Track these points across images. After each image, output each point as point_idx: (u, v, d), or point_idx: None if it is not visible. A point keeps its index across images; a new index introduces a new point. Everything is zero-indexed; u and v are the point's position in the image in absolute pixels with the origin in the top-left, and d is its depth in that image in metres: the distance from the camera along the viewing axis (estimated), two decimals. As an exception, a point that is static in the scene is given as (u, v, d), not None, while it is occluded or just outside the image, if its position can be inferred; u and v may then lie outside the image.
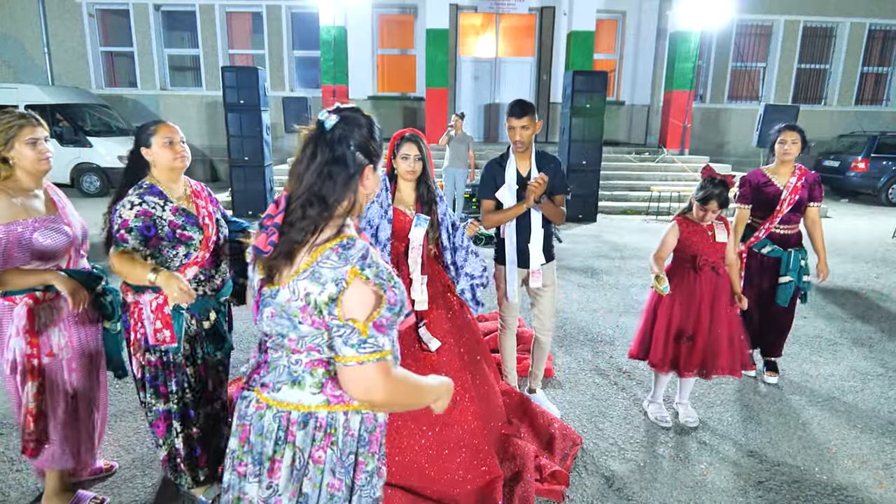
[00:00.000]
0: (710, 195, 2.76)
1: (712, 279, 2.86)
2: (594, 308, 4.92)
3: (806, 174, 3.36)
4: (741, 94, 13.42)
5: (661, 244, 2.90)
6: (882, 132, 11.47)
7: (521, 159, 2.93)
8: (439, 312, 2.59)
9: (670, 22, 12.08)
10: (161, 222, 2.04)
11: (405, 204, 2.64)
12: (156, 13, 12.64)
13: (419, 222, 2.57)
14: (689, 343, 2.88)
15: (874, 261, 6.81)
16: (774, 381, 3.59)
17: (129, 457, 2.68)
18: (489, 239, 7.52)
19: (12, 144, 1.98)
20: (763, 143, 8.03)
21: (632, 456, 2.78)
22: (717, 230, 2.86)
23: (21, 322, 1.97)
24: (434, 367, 2.49)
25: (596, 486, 2.54)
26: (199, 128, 13.02)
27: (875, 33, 13.24)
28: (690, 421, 3.05)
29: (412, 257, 2.56)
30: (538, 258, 2.90)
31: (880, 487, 2.58)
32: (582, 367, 3.77)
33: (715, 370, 2.90)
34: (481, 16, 12.77)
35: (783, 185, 3.35)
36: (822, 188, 3.47)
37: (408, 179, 2.61)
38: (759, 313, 3.53)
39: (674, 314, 2.89)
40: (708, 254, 2.86)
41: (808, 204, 3.38)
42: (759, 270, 3.48)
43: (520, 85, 12.98)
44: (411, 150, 2.55)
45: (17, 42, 12.42)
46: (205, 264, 2.15)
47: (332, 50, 11.47)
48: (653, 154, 11.92)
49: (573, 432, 2.85)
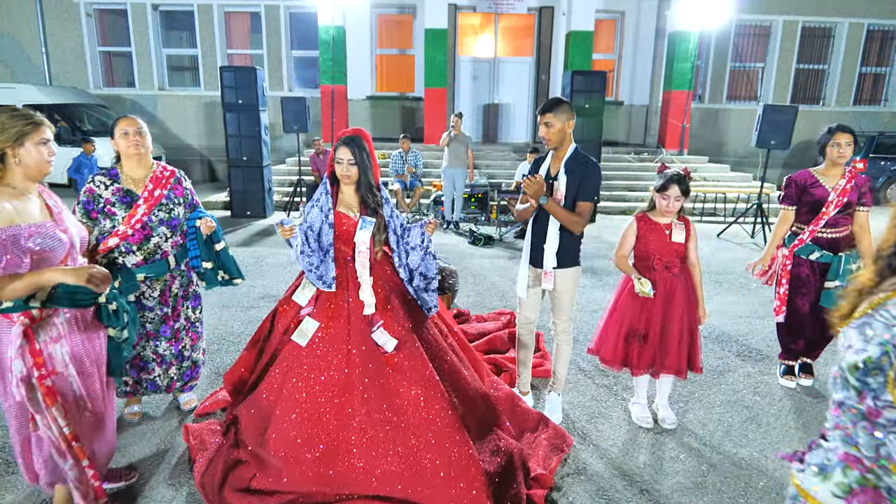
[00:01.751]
0: (668, 181, 2.78)
1: (666, 278, 2.86)
2: (594, 308, 4.91)
3: (856, 177, 3.21)
4: (740, 95, 13.42)
5: (620, 241, 2.95)
6: (880, 132, 11.48)
7: (554, 158, 2.91)
8: (394, 313, 2.57)
9: (669, 22, 12.08)
10: (99, 199, 2.57)
11: (348, 207, 2.61)
12: (154, 13, 12.62)
13: (364, 225, 2.55)
14: (641, 342, 2.90)
15: (873, 261, 6.80)
16: (810, 384, 3.54)
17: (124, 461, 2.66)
18: (488, 239, 7.52)
19: (23, 141, 1.90)
20: (762, 143, 8.02)
21: (632, 456, 2.77)
22: (674, 229, 2.86)
23: (18, 342, 1.84)
24: (396, 367, 2.46)
25: (595, 488, 2.52)
26: (197, 128, 12.99)
27: (873, 33, 13.25)
28: (668, 422, 3.02)
29: (359, 260, 2.55)
30: (550, 260, 2.87)
31: (881, 488, 2.57)
32: (582, 367, 3.76)
33: (662, 369, 2.91)
34: (480, 16, 12.76)
35: (831, 187, 3.22)
36: (873, 192, 3.33)
37: (344, 183, 2.59)
38: (811, 322, 3.37)
39: (626, 312, 2.92)
40: (663, 253, 2.87)
41: (857, 208, 3.22)
42: (810, 276, 3.31)
43: (519, 85, 12.97)
44: (344, 155, 2.52)
45: (14, 42, 12.38)
46: (126, 238, 2.57)
47: (331, 50, 11.46)
48: (652, 154, 11.92)
49: (564, 436, 2.81)
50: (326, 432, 2.37)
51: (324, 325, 2.50)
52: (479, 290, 5.36)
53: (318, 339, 2.48)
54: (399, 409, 2.40)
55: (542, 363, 3.65)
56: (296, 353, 2.48)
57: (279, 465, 2.37)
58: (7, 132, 1.87)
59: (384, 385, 2.44)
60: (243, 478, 2.39)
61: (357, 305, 2.53)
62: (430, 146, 11.42)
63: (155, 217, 2.63)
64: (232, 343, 4.01)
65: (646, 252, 2.91)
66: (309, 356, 2.47)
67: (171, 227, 2.73)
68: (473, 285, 5.52)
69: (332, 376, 2.43)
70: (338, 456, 2.35)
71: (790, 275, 3.36)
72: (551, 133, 2.79)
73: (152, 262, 2.68)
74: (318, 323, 2.49)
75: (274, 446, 2.40)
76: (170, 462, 2.64)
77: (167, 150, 12.16)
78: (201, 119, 12.97)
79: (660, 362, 2.90)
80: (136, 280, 2.60)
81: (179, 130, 12.99)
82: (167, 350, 2.85)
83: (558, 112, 2.76)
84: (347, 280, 2.58)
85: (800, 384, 3.57)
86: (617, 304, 3.00)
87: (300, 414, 2.40)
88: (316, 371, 2.44)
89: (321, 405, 2.40)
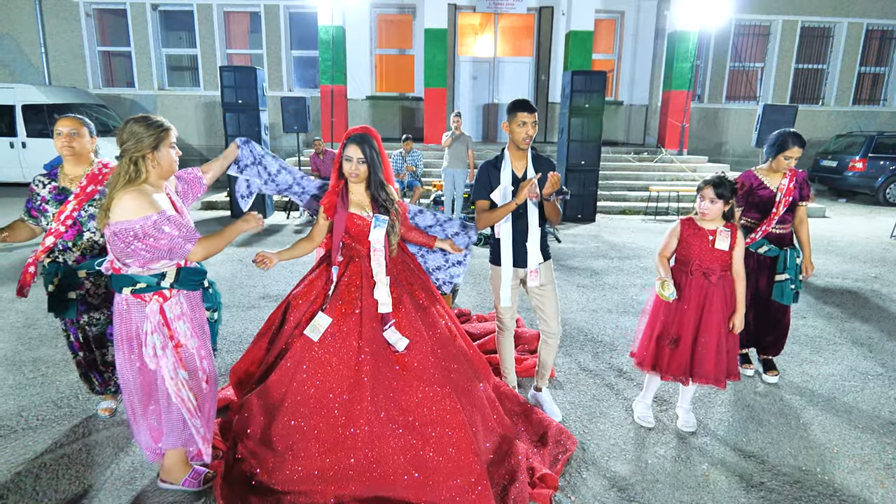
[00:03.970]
0: (704, 181, 2.79)
1: (703, 285, 2.82)
2: (594, 308, 4.91)
3: (795, 174, 3.41)
4: (739, 95, 13.44)
5: (663, 244, 2.91)
6: (879, 132, 11.50)
7: (517, 159, 2.90)
8: (406, 312, 2.57)
9: (668, 22, 12.10)
10: (37, 197, 2.68)
11: (360, 206, 2.60)
12: (153, 13, 12.61)
13: (378, 223, 2.54)
14: (672, 346, 2.87)
15: (872, 260, 6.82)
16: (775, 381, 3.60)
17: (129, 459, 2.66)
18: (488, 239, 7.52)
19: (159, 147, 2.17)
20: (762, 143, 8.03)
21: (633, 457, 2.77)
22: (719, 237, 2.79)
23: (156, 318, 2.15)
24: (405, 366, 2.47)
25: (597, 487, 2.53)
26: (196, 127, 12.99)
27: (872, 33, 13.28)
28: (687, 427, 3.02)
29: (375, 259, 2.54)
30: (536, 257, 2.89)
31: (881, 487, 2.58)
32: (582, 367, 3.76)
33: (699, 378, 2.87)
34: (480, 15, 12.76)
35: (776, 187, 3.39)
36: (811, 186, 3.53)
37: (353, 182, 2.57)
38: (755, 313, 3.56)
39: (660, 314, 2.91)
40: (703, 259, 2.82)
41: (798, 203, 3.43)
42: (755, 269, 3.50)
43: (518, 85, 12.98)
44: (353, 153, 2.51)
45: (13, 41, 12.37)
46: (60, 235, 2.63)
47: (331, 50, 11.46)
48: (651, 154, 11.93)
49: (569, 435, 2.82)
50: (334, 427, 2.38)
51: (336, 320, 2.50)
52: (480, 290, 5.37)
53: (329, 335, 2.48)
54: (406, 408, 2.41)
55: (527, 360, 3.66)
56: (307, 348, 2.48)
57: (284, 458, 2.37)
58: (146, 140, 2.12)
59: (392, 383, 2.44)
60: (245, 476, 2.39)
61: (369, 304, 2.53)
62: (429, 146, 11.43)
63: (84, 212, 2.68)
64: (233, 343, 4.01)
65: (687, 256, 2.86)
66: (320, 351, 2.47)
67: None
68: (474, 285, 5.52)
69: (342, 372, 2.43)
70: (343, 451, 2.36)
71: None
72: (535, 131, 2.81)
73: (91, 257, 2.70)
74: (330, 318, 2.49)
75: (280, 440, 2.41)
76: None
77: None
78: (201, 119, 12.96)
79: (696, 370, 2.86)
80: (78, 277, 2.68)
81: (179, 130, 12.52)
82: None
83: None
84: (361, 278, 2.58)
85: (766, 381, 3.61)
86: (653, 305, 2.97)
87: (309, 407, 2.41)
88: (326, 366, 2.44)
89: (330, 400, 2.41)
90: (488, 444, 2.56)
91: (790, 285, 3.41)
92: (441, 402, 2.42)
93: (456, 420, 2.39)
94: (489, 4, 12.45)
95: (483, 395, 2.70)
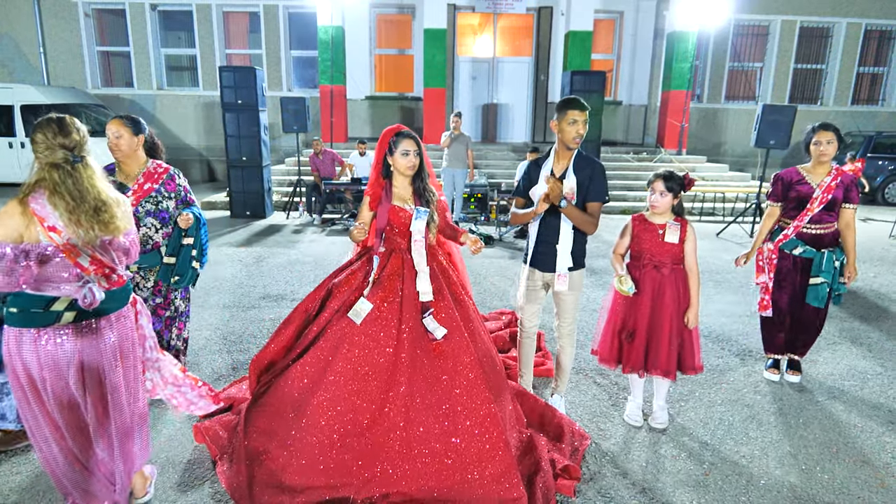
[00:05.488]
0: (654, 175, 2.84)
1: (655, 277, 2.87)
2: (594, 308, 4.92)
3: (843, 175, 3.25)
4: (738, 95, 13.45)
5: (617, 241, 3.01)
6: (878, 132, 11.53)
7: (560, 159, 2.85)
8: (445, 303, 2.59)
9: (667, 22, 12.11)
10: None
11: (402, 199, 2.65)
12: (152, 13, 12.60)
13: (419, 215, 2.59)
14: (629, 339, 2.93)
15: (871, 260, 6.83)
16: (797, 380, 3.58)
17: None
18: (488, 239, 7.53)
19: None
20: (761, 143, 8.04)
21: (634, 455, 2.78)
22: (668, 230, 2.84)
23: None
24: (442, 355, 2.49)
25: (598, 486, 2.53)
26: (196, 128, 12.98)
27: (871, 33, 13.30)
28: (657, 422, 3.02)
29: (416, 249, 2.58)
30: (565, 261, 2.86)
31: (882, 486, 2.59)
32: (583, 367, 3.77)
33: (653, 370, 2.91)
34: (479, 16, 12.77)
35: (817, 184, 3.27)
36: (859, 190, 3.38)
37: (408, 175, 2.63)
38: (791, 315, 3.47)
39: (618, 310, 2.97)
40: (653, 252, 2.87)
41: (842, 205, 3.27)
42: (791, 271, 3.40)
43: (518, 85, 12.98)
44: (411, 147, 2.58)
45: (12, 41, 12.36)
46: None
47: (330, 50, 11.46)
48: (650, 154, 11.94)
49: (581, 433, 2.85)
50: (369, 408, 2.40)
51: (376, 307, 2.52)
52: (480, 290, 5.37)
53: (369, 320, 2.50)
54: (442, 396, 2.43)
55: (544, 362, 3.66)
56: (347, 331, 2.50)
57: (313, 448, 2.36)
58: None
59: (431, 371, 2.47)
60: (272, 472, 2.38)
61: (410, 293, 2.54)
62: (429, 146, 11.43)
63: (142, 208, 2.86)
64: (234, 343, 4.02)
65: (639, 251, 2.93)
66: (360, 335, 2.49)
67: (159, 219, 2.96)
68: (474, 285, 5.52)
69: (381, 356, 2.45)
70: (380, 431, 2.37)
71: (774, 268, 3.44)
72: (584, 131, 2.74)
73: (144, 252, 2.83)
74: (371, 304, 2.52)
75: (312, 426, 2.40)
76: (176, 461, 2.64)
77: (166, 150, 12.08)
78: (200, 119, 12.96)
79: (650, 362, 2.91)
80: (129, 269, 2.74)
81: (178, 130, 12.97)
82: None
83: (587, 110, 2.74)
84: (402, 268, 2.59)
85: (787, 380, 3.61)
86: (610, 302, 3.03)
87: (346, 389, 2.42)
88: (366, 350, 2.46)
89: (368, 382, 2.43)
90: (513, 436, 2.59)
91: (826, 289, 3.29)
92: (474, 393, 2.45)
93: (488, 410, 2.42)
94: (488, 4, 12.46)
95: (507, 392, 2.76)
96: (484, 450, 2.35)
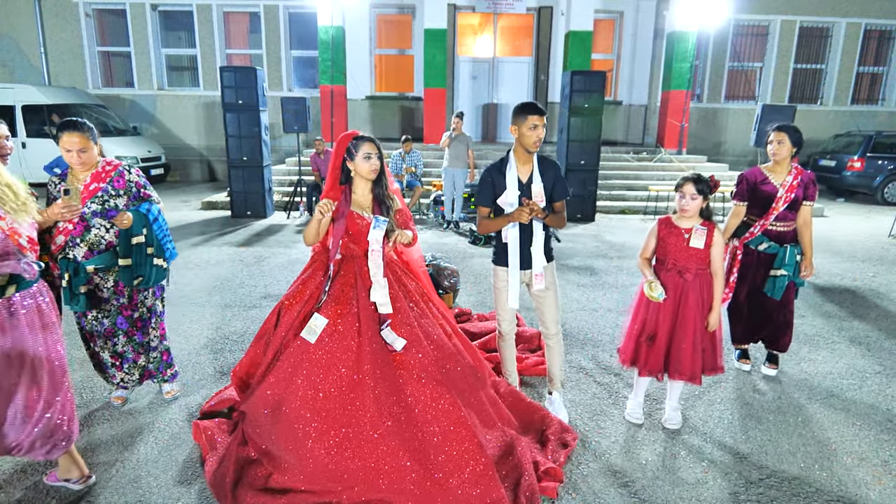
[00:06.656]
0: (684, 178, 2.83)
1: (678, 283, 2.84)
2: (594, 307, 4.94)
3: (802, 174, 3.43)
4: (738, 94, 13.47)
5: (643, 245, 2.98)
6: (878, 132, 11.53)
7: (523, 163, 2.86)
8: (402, 312, 2.58)
9: (667, 22, 12.12)
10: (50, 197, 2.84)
11: (361, 207, 2.62)
12: (153, 13, 12.62)
13: (377, 224, 2.56)
14: (649, 343, 2.92)
15: (871, 259, 6.85)
16: (773, 374, 3.65)
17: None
18: (488, 239, 7.54)
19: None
20: (760, 143, 8.07)
21: (634, 454, 2.80)
22: (694, 235, 2.81)
23: None
24: (404, 365, 2.49)
25: (599, 484, 2.55)
26: (196, 128, 13.00)
27: (871, 33, 13.31)
28: (671, 423, 3.04)
29: (372, 259, 2.55)
30: (540, 261, 2.89)
31: (879, 484, 2.60)
32: (583, 366, 3.79)
33: (675, 374, 2.91)
34: (479, 16, 12.78)
35: (780, 183, 3.42)
36: (817, 187, 3.55)
37: (370, 178, 2.60)
38: (750, 307, 3.62)
39: (641, 312, 2.96)
40: (678, 257, 2.85)
41: (802, 202, 3.44)
42: (754, 265, 3.54)
43: (518, 85, 13.00)
44: (373, 150, 2.56)
45: (13, 42, 12.37)
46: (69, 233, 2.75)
47: (330, 50, 11.47)
48: (650, 154, 11.96)
49: (570, 430, 2.85)
50: (337, 428, 2.40)
51: (332, 321, 2.51)
52: (480, 290, 5.39)
53: (327, 336, 2.49)
54: (408, 406, 2.43)
55: (543, 361, 3.67)
56: (304, 349, 2.49)
57: (291, 460, 2.40)
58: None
59: (393, 382, 2.46)
60: (258, 477, 2.42)
61: (366, 304, 2.54)
62: (429, 146, 11.45)
63: (87, 209, 2.77)
64: (235, 343, 4.03)
65: (663, 255, 2.91)
66: (318, 352, 2.48)
67: (108, 219, 2.82)
68: (474, 285, 5.55)
69: (343, 373, 2.45)
70: (348, 451, 2.38)
71: (739, 264, 3.56)
72: (543, 134, 2.78)
73: (98, 252, 2.80)
74: (326, 320, 2.50)
75: (284, 441, 2.42)
76: (177, 459, 2.66)
77: (166, 150, 12.16)
78: (200, 119, 12.97)
79: (673, 367, 2.90)
80: (87, 272, 2.78)
81: (179, 130, 12.99)
82: (126, 346, 2.99)
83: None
84: (356, 278, 2.59)
85: (763, 372, 3.69)
86: (635, 304, 3.02)
87: (311, 410, 2.42)
88: (326, 367, 2.45)
89: (332, 401, 2.42)
90: (489, 437, 2.59)
91: (784, 281, 3.43)
92: (440, 400, 2.44)
93: (456, 416, 2.42)
94: (488, 4, 12.47)
95: (482, 393, 2.73)
96: (457, 455, 2.35)
